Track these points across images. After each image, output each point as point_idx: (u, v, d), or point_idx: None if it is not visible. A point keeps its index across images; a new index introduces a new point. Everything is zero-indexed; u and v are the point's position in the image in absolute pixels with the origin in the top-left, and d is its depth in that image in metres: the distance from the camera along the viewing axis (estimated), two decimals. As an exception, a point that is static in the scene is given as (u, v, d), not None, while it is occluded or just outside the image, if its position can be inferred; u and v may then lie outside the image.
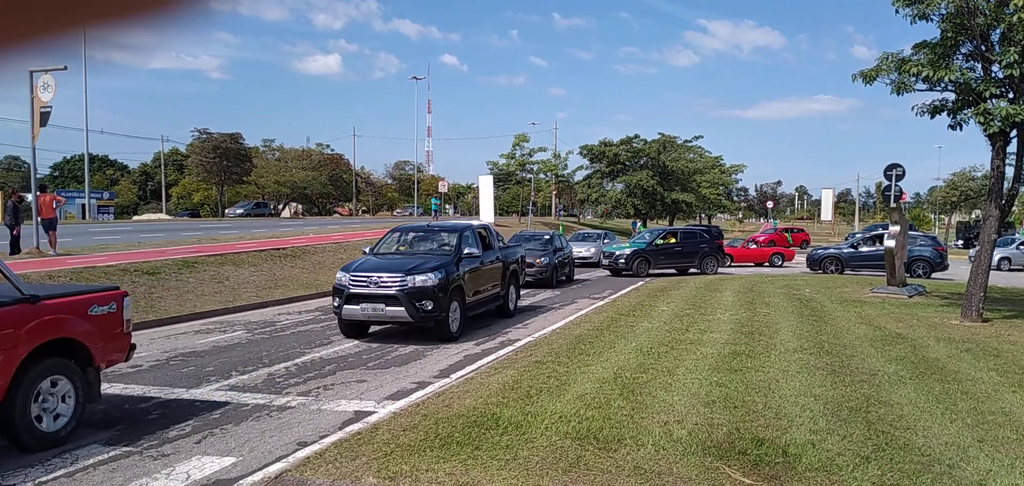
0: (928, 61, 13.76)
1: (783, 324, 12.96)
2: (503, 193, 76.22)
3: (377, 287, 11.65)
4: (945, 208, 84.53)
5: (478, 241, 13.80)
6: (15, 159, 78.57)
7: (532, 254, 20.88)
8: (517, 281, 15.56)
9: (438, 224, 15.79)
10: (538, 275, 20.95)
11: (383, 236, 14.44)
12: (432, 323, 11.79)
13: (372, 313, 11.71)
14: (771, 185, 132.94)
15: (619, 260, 26.24)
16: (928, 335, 11.90)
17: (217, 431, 7.02)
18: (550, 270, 21.39)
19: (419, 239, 13.95)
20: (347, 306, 11.74)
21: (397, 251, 13.72)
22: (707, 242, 27.73)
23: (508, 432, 6.29)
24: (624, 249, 27.02)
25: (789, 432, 6.30)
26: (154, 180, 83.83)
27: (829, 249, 30.25)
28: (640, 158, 61.88)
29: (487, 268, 13.85)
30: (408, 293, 11.51)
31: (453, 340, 11.92)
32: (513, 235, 24.55)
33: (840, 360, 9.65)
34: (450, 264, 12.27)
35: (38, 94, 17.93)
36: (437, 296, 11.59)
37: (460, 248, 12.90)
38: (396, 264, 12.21)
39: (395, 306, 11.53)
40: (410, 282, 11.59)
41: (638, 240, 28.47)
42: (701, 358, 9.63)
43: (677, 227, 33.48)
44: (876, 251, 27.46)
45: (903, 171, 19.48)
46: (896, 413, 7.02)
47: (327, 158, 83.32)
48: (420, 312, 11.52)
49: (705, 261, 27.03)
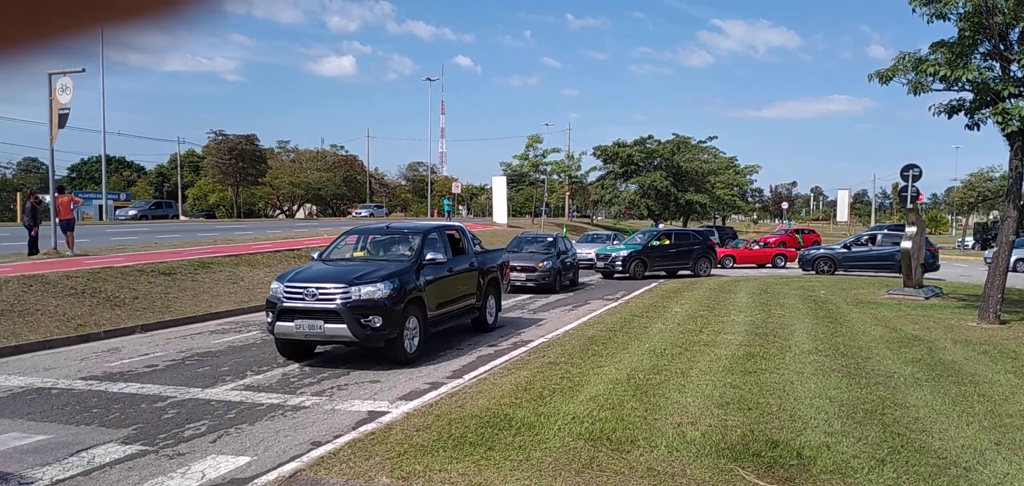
0: (945, 60, 13.64)
1: (798, 326, 12.89)
2: (516, 194, 76.17)
3: (315, 300, 9.80)
4: (962, 209, 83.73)
5: (447, 245, 12.18)
6: (33, 160, 79.39)
7: (534, 257, 20.52)
8: (498, 291, 13.89)
9: (400, 225, 13.75)
10: (541, 279, 20.09)
11: (334, 239, 12.69)
12: (381, 343, 9.89)
13: (309, 331, 9.77)
14: (786, 186, 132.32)
15: (615, 262, 25.53)
16: (945, 337, 11.79)
17: (232, 430, 7.07)
18: (553, 274, 20.46)
19: (377, 243, 12.28)
20: (280, 323, 9.91)
21: (351, 257, 11.95)
22: (700, 243, 27.39)
23: (521, 433, 6.30)
24: (620, 250, 26.27)
25: (804, 434, 6.27)
26: (170, 181, 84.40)
27: (821, 249, 29.93)
28: (654, 159, 61.70)
29: (457, 276, 12.15)
30: (351, 307, 9.67)
31: (410, 363, 10.15)
32: (514, 238, 23.65)
33: (856, 362, 9.59)
34: (407, 272, 10.55)
35: (56, 96, 18.12)
36: (388, 310, 9.78)
37: (421, 253, 11.11)
38: (341, 272, 10.39)
39: (335, 323, 9.67)
40: (355, 294, 9.75)
41: (633, 241, 27.73)
42: (715, 360, 9.59)
43: (671, 228, 32.74)
44: (869, 251, 27.55)
45: (920, 172, 19.32)
46: (912, 415, 6.96)
47: (341, 159, 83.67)
48: (366, 329, 9.69)
49: (698, 263, 26.66)
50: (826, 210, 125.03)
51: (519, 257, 20.50)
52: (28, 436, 6.85)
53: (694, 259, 26.71)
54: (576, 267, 23.00)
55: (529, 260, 20.49)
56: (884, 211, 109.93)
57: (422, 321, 10.59)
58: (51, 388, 8.76)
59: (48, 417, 7.48)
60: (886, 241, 27.73)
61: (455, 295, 12.02)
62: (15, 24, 0.72)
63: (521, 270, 19.79)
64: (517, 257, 20.37)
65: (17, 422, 7.28)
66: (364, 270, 10.34)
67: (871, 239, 28.77)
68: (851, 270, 26.90)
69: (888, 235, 29.07)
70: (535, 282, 20.02)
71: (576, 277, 22.92)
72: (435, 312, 11.12)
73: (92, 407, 7.89)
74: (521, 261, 20.15)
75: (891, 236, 28.65)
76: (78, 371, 9.74)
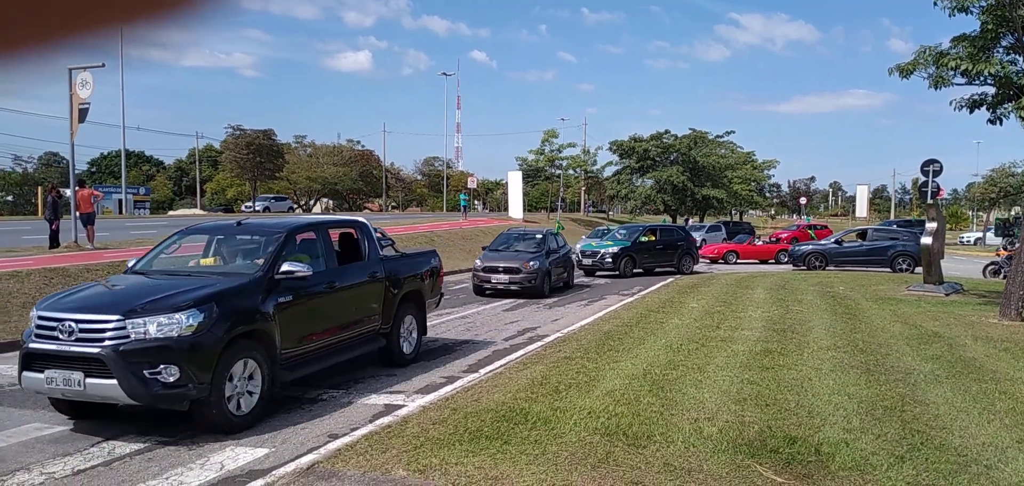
0: (967, 54, 13.48)
1: (816, 322, 12.80)
2: (532, 189, 76.11)
3: (73, 340, 6.50)
4: (984, 204, 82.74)
5: (327, 249, 8.76)
6: (54, 155, 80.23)
7: (519, 257, 18.34)
8: (420, 309, 10.39)
9: (257, 223, 9.73)
10: (525, 283, 17.61)
11: (162, 241, 9.24)
12: (184, 404, 6.52)
13: (66, 388, 6.53)
14: (804, 181, 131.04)
15: (605, 259, 24.09)
16: (965, 334, 11.67)
17: (250, 422, 7.11)
18: (540, 277, 17.90)
19: (228, 248, 8.81)
20: (27, 373, 6.73)
21: (189, 268, 8.60)
22: (684, 240, 26.70)
23: (537, 427, 6.30)
24: (608, 246, 24.77)
25: (822, 430, 6.22)
26: (189, 176, 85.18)
27: (811, 245, 29.57)
28: (670, 154, 61.41)
29: (346, 292, 8.82)
30: (126, 352, 6.35)
31: (235, 430, 6.75)
32: (499, 234, 21.54)
33: (875, 358, 9.51)
34: (241, 293, 7.23)
35: (77, 91, 18.30)
36: (191, 355, 6.45)
37: (274, 264, 7.69)
38: (122, 295, 7.08)
39: (101, 377, 6.37)
40: (134, 330, 6.44)
41: (617, 237, 26.16)
42: (732, 355, 9.55)
43: (656, 224, 31.37)
44: (860, 247, 27.53)
45: (940, 167, 19.09)
46: (932, 412, 6.89)
47: (358, 154, 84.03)
48: (152, 386, 6.36)
49: (682, 260, 25.76)
50: (845, 205, 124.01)
51: (502, 256, 18.58)
52: (49, 426, 6.94)
53: (679, 256, 25.82)
54: (570, 267, 20.90)
55: (513, 260, 18.20)
56: (904, 206, 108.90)
57: (268, 365, 7.21)
58: (72, 379, 8.84)
59: (68, 408, 7.56)
60: (876, 237, 28.07)
61: (342, 320, 8.67)
62: (29, 22, 0.72)
63: (504, 271, 17.74)
64: (500, 256, 18.57)
65: (38, 413, 7.37)
66: (162, 291, 6.99)
67: (862, 235, 28.79)
68: (843, 265, 26.87)
69: (878, 231, 29.54)
70: (520, 285, 17.63)
71: (570, 278, 20.75)
72: (298, 348, 7.81)
73: (112, 398, 7.95)
74: (505, 261, 18.11)
75: (881, 232, 29.21)
76: (98, 363, 9.83)
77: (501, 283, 17.68)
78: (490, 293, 17.89)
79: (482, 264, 18.37)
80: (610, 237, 26.78)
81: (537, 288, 17.80)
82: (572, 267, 21.16)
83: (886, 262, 26.30)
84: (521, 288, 17.65)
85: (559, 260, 19.74)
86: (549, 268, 18.54)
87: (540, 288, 17.89)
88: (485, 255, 19.01)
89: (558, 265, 19.57)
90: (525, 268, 17.72)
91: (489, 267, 18.11)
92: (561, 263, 19.89)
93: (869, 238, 28.01)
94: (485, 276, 17.99)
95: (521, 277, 17.64)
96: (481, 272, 18.13)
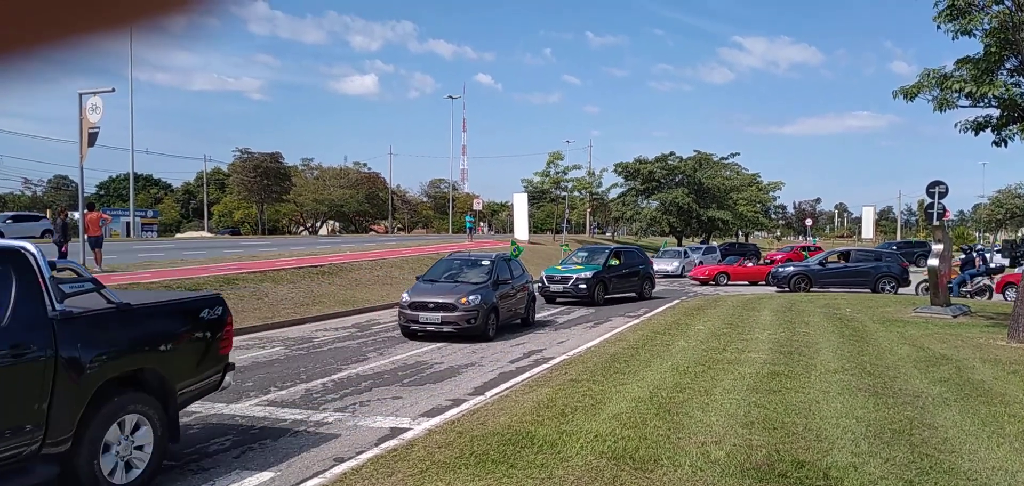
0: (971, 77, 13.51)
1: (823, 344, 12.74)
2: (537, 211, 76.28)
3: None
4: (990, 226, 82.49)
5: None
6: (63, 178, 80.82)
7: (458, 290, 14.49)
8: (165, 400, 6.12)
9: None
10: (462, 323, 13.86)
11: None
12: None
13: None
14: (810, 202, 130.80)
15: (578, 285, 21.60)
16: (974, 356, 11.60)
17: (256, 446, 7.12)
18: (481, 315, 14.12)
19: None
20: None
21: None
22: (644, 263, 25.20)
23: (543, 450, 6.28)
24: (579, 271, 22.29)
25: (830, 454, 6.19)
26: (196, 198, 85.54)
27: (792, 266, 29.08)
28: (676, 175, 61.53)
29: None
30: None
31: None
32: (440, 260, 17.42)
33: (882, 381, 9.45)
34: None
35: (87, 115, 18.47)
36: None
37: None
38: None
39: None
40: None
41: (586, 261, 23.63)
42: (739, 378, 9.51)
43: (619, 246, 28.96)
44: (845, 268, 27.52)
45: (946, 188, 19.08)
46: (941, 436, 6.85)
47: (364, 176, 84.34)
48: None
49: (644, 284, 24.24)
50: (851, 227, 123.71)
51: (435, 289, 14.62)
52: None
53: (640, 280, 24.13)
54: (530, 300, 17.25)
55: (449, 293, 14.30)
56: (910, 228, 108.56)
57: None
58: (79, 403, 8.87)
59: None
60: (859, 258, 28.16)
61: None
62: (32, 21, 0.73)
63: (435, 308, 13.97)
64: (433, 290, 14.63)
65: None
66: None
67: (845, 256, 28.75)
68: (827, 287, 26.64)
69: (861, 252, 29.68)
70: (455, 326, 13.84)
71: (530, 313, 17.19)
72: None
73: (119, 422, 7.97)
74: (437, 295, 14.25)
75: (864, 253, 29.42)
76: (105, 386, 9.86)
77: (432, 323, 13.95)
78: (421, 336, 14.24)
79: (409, 299, 14.42)
80: (574, 261, 24.19)
81: (477, 329, 14.02)
82: (532, 300, 17.53)
83: (869, 283, 26.32)
84: (457, 329, 13.89)
85: (512, 292, 16.03)
86: (496, 303, 14.79)
87: (481, 329, 14.10)
88: (415, 287, 15.13)
89: (511, 298, 15.93)
90: (462, 304, 13.96)
91: (417, 303, 14.21)
92: (514, 295, 16.17)
93: (852, 259, 28.00)
94: (411, 315, 14.16)
95: (457, 316, 13.89)
96: (407, 309, 14.27)
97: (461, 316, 13.93)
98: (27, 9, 0.73)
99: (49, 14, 0.74)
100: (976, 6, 13.45)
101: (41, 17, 0.73)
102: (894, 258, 28.18)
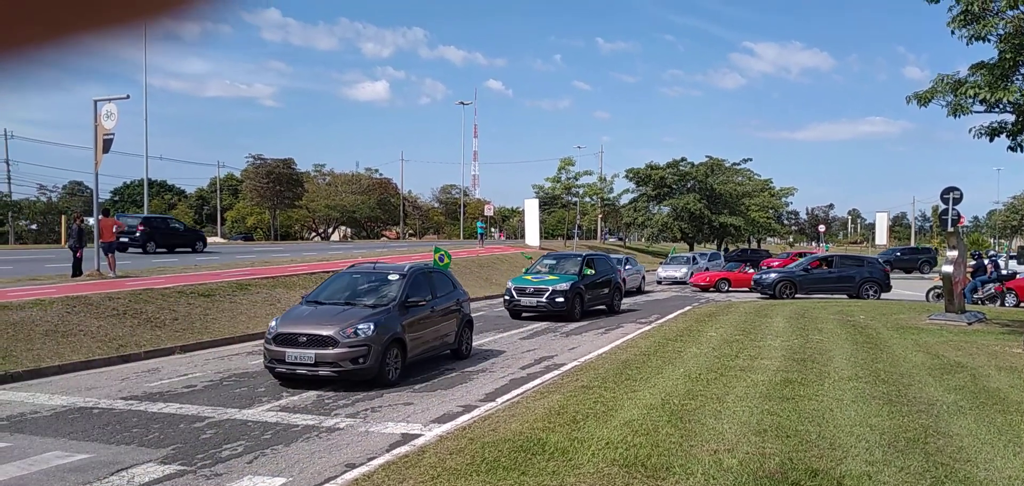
0: (986, 83, 13.43)
1: (837, 351, 12.66)
2: (549, 216, 76.25)
3: None
4: (1005, 232, 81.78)
5: None
6: (78, 184, 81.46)
7: (343, 317, 10.49)
8: None
9: None
10: (342, 365, 10.00)
11: None
12: None
13: None
14: (823, 208, 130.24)
15: (554, 298, 18.89)
16: (989, 364, 11.49)
17: (268, 451, 7.15)
18: (375, 353, 10.16)
19: None
20: None
21: None
22: (614, 271, 22.86)
23: (554, 458, 6.27)
24: (554, 282, 19.48)
25: (844, 463, 6.14)
26: (210, 204, 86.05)
27: (775, 273, 28.91)
28: (687, 181, 61.41)
29: None
30: None
31: None
32: (333, 275, 13.27)
33: (897, 389, 9.38)
34: None
35: (102, 122, 18.62)
36: None
37: None
38: None
39: None
40: None
41: (557, 269, 20.93)
42: (752, 385, 9.46)
43: (592, 253, 25.11)
44: (828, 273, 27.59)
45: (961, 194, 18.93)
46: (956, 444, 6.79)
47: (376, 182, 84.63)
48: None
49: (614, 296, 21.94)
50: (864, 233, 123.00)
51: (309, 318, 10.62)
52: (70, 455, 6.99)
53: (611, 292, 21.77)
54: (463, 326, 13.01)
55: (327, 322, 10.43)
56: (924, 234, 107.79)
57: None
58: (93, 407, 8.95)
59: (89, 436, 7.63)
60: (843, 264, 28.39)
61: None
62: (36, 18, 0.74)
63: (307, 344, 10.10)
64: (305, 318, 10.61)
65: (60, 441, 7.44)
66: None
67: (828, 262, 28.82)
68: (811, 292, 26.83)
69: (845, 258, 29.98)
70: (334, 369, 10.01)
71: (463, 343, 12.98)
72: None
73: (132, 427, 8.03)
74: (311, 326, 10.36)
75: (847, 259, 29.77)
76: (119, 391, 9.94)
77: (303, 364, 9.98)
78: (287, 377, 10.36)
79: (276, 329, 10.46)
80: (540, 269, 21.43)
81: (367, 371, 10.06)
82: (467, 324, 13.31)
83: (853, 289, 26.55)
84: (338, 372, 9.97)
85: (431, 315, 11.93)
86: (402, 332, 10.78)
87: (374, 371, 10.12)
88: (291, 312, 11.38)
89: (431, 323, 11.92)
90: (346, 337, 10.06)
91: (286, 336, 10.23)
92: (436, 321, 12.11)
93: (836, 265, 28.21)
94: (277, 352, 10.18)
95: (338, 354, 9.95)
96: (272, 345, 10.28)
97: (343, 354, 9.91)
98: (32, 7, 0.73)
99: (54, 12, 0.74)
100: (991, 11, 13.37)
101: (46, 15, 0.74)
102: (876, 264, 28.52)
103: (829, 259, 29.24)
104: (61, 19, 0.74)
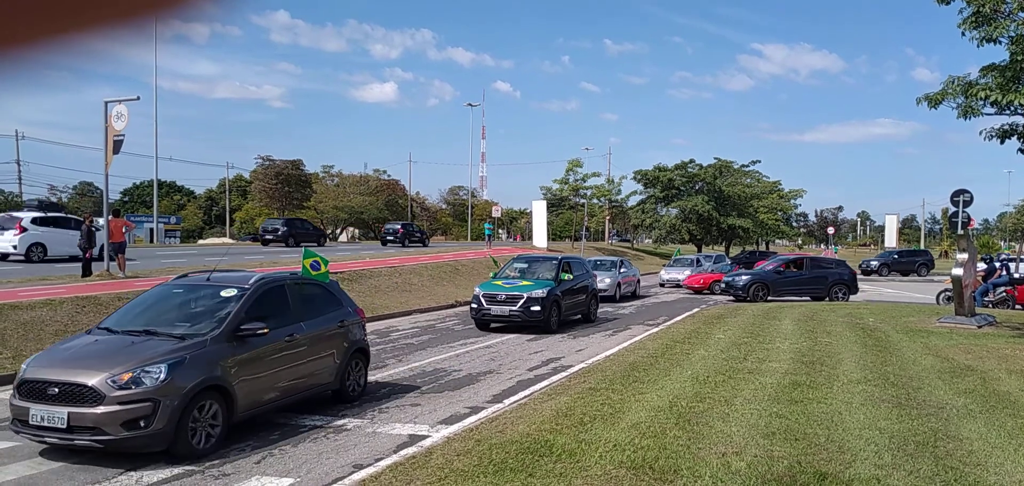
0: (997, 84, 13.34)
1: (845, 354, 12.60)
2: (556, 218, 76.15)
3: None
4: (1016, 234, 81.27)
5: None
6: (89, 185, 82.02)
7: (127, 357, 6.94)
8: None
9: None
10: (103, 432, 6.52)
11: None
12: None
13: None
14: (832, 210, 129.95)
15: (529, 306, 16.83)
16: (999, 367, 11.42)
17: (276, 452, 7.17)
18: (166, 412, 6.65)
19: None
20: None
21: None
22: (590, 277, 20.94)
23: (562, 460, 6.26)
24: (528, 288, 17.36)
25: (853, 466, 6.11)
26: (219, 205, 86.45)
27: (745, 275, 28.16)
28: (695, 183, 61.25)
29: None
30: None
31: None
32: (158, 287, 9.51)
33: (906, 392, 9.33)
34: None
35: (112, 123, 18.71)
36: None
37: None
38: None
39: None
40: None
41: (528, 274, 18.95)
42: (760, 388, 9.43)
43: (569, 256, 22.21)
44: (800, 275, 27.70)
45: (971, 197, 18.81)
46: (966, 448, 6.74)
47: (384, 184, 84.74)
48: None
49: (590, 303, 20.06)
50: (873, 235, 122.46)
51: (73, 359, 7.16)
52: (78, 454, 7.01)
53: (588, 299, 19.94)
54: (354, 355, 9.63)
55: (94, 365, 6.93)
56: (934, 236, 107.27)
57: None
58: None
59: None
60: (814, 266, 28.66)
61: None
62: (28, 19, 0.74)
63: (56, 399, 6.70)
64: (66, 360, 7.15)
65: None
66: None
67: (798, 264, 28.79)
68: (783, 294, 26.92)
69: (815, 261, 30.25)
70: (93, 437, 6.57)
71: (350, 382, 9.56)
72: None
73: (141, 426, 8.04)
74: (67, 372, 6.88)
75: (818, 261, 30.13)
76: (128, 391, 9.95)
77: (53, 427, 6.63)
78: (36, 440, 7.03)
79: (25, 373, 7.08)
80: (510, 273, 19.48)
81: (153, 438, 6.69)
82: (360, 354, 9.88)
83: (824, 290, 26.81)
84: (102, 442, 6.61)
85: (290, 349, 8.48)
86: (221, 377, 7.35)
87: (165, 437, 6.72)
88: (51, 350, 7.96)
89: (292, 359, 8.47)
90: (115, 388, 6.65)
91: (34, 386, 6.88)
92: (305, 355, 8.72)
93: (807, 268, 28.38)
94: (21, 408, 6.90)
95: (99, 415, 6.55)
96: (17, 398, 7.01)
97: (111, 414, 6.54)
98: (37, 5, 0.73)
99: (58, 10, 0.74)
100: (1002, 13, 13.29)
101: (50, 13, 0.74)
102: (844, 267, 28.84)
103: (800, 261, 29.30)
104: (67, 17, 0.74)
